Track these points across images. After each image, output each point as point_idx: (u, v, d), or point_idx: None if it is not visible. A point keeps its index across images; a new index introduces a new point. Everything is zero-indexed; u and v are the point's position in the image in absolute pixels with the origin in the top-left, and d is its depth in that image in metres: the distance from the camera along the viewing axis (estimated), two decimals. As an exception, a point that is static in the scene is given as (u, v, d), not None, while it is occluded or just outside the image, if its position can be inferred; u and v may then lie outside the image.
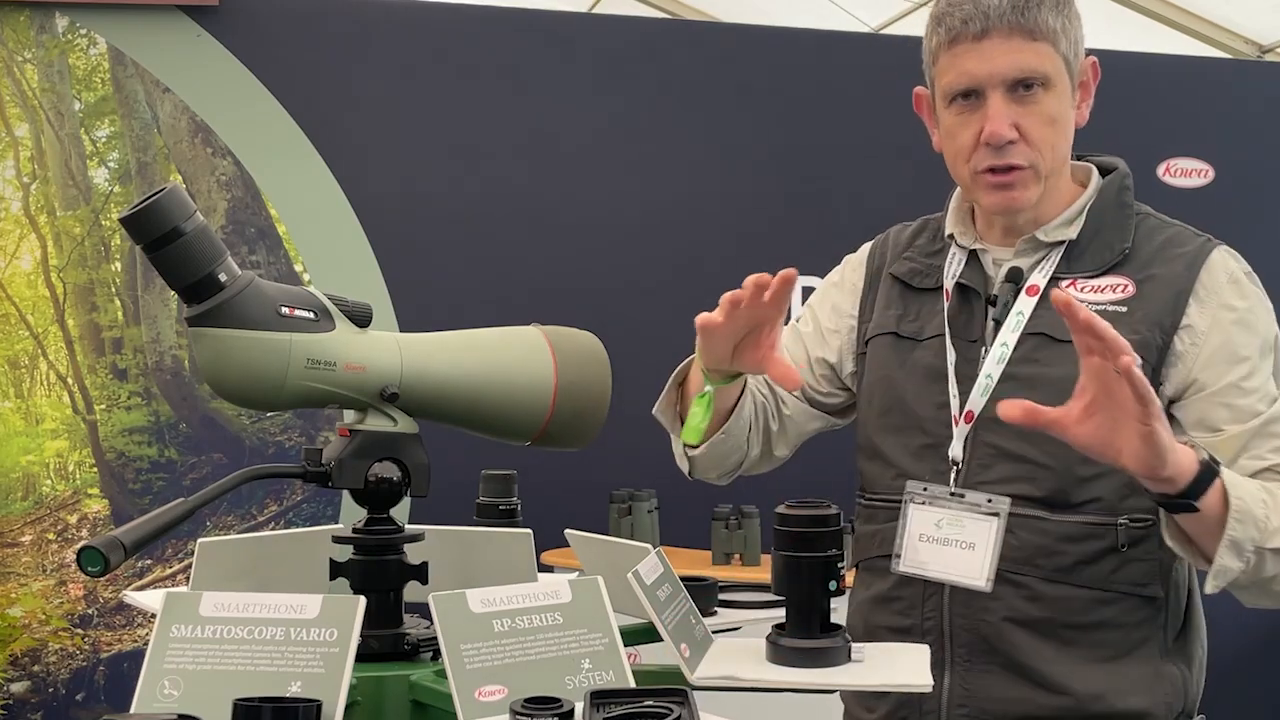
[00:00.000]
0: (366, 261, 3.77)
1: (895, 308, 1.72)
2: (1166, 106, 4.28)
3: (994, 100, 1.56)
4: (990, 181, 1.59)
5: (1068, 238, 1.63)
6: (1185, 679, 1.62)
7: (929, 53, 1.64)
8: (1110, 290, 1.59)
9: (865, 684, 1.29)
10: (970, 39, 1.56)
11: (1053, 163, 1.60)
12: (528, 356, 1.39)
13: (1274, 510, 1.44)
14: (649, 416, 1.76)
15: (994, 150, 1.57)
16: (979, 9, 1.55)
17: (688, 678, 1.22)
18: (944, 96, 1.61)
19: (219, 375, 1.24)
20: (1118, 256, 1.62)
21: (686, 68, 4.00)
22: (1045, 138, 1.57)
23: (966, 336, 1.63)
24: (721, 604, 1.54)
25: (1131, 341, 1.40)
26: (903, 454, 1.65)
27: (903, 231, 1.80)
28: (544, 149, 3.92)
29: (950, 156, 1.65)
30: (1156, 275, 1.59)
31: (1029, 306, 1.59)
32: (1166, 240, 1.64)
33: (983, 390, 1.58)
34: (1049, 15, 1.55)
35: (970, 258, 1.67)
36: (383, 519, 1.32)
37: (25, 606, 3.62)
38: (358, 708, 1.16)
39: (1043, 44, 1.55)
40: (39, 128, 3.69)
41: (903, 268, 1.74)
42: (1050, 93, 1.57)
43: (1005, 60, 1.55)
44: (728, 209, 3.98)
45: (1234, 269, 1.61)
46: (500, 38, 3.94)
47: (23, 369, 3.68)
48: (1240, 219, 4.31)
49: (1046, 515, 1.55)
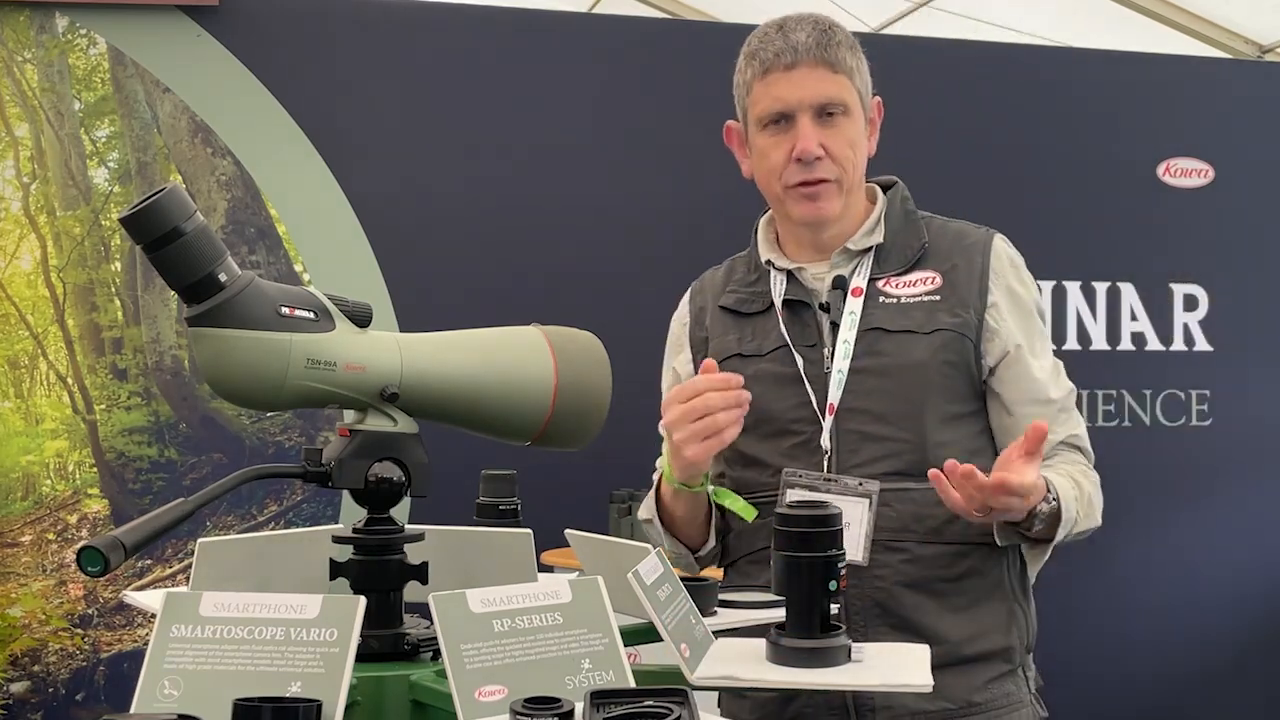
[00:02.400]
0: (366, 261, 3.76)
1: (732, 332, 1.91)
2: (1166, 106, 4.28)
3: (803, 122, 1.79)
4: (801, 193, 1.82)
5: (875, 243, 1.86)
6: (1027, 616, 1.86)
7: (743, 85, 1.87)
8: (921, 284, 1.84)
9: (865, 684, 1.29)
10: (782, 69, 1.80)
11: (853, 178, 1.84)
12: (528, 356, 1.39)
13: (1080, 505, 1.74)
14: (649, 416, 1.79)
15: (804, 166, 1.80)
16: (789, 44, 1.79)
17: (688, 678, 1.22)
18: (757, 122, 1.84)
19: (219, 375, 1.24)
20: (919, 253, 1.86)
21: (686, 68, 4.00)
22: (847, 156, 1.82)
23: (805, 343, 1.84)
24: (721, 604, 1.54)
25: (954, 322, 1.80)
26: (777, 455, 1.82)
27: (715, 274, 2.02)
28: (544, 149, 3.92)
29: (763, 176, 1.87)
30: (958, 265, 1.84)
31: (858, 306, 1.82)
32: (956, 234, 1.89)
33: (838, 384, 1.80)
34: (846, 54, 1.82)
35: (789, 277, 1.88)
36: (383, 519, 1.32)
37: (25, 606, 3.62)
38: (358, 708, 1.16)
39: (842, 77, 1.81)
40: (39, 128, 3.69)
41: (729, 299, 1.94)
42: (849, 119, 1.82)
43: (813, 88, 1.79)
44: (728, 209, 3.97)
45: (1010, 253, 1.88)
46: (500, 38, 3.94)
47: (23, 369, 3.68)
48: (1240, 219, 4.32)
49: (913, 485, 1.75)
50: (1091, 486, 1.81)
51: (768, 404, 1.82)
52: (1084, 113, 4.23)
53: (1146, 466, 4.04)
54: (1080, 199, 4.18)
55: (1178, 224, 4.28)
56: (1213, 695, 4.23)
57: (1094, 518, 1.80)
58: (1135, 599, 4.14)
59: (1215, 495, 4.25)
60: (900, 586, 1.76)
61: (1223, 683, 4.25)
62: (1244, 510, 4.29)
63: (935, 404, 1.79)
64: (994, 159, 4.17)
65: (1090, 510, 1.78)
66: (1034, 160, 4.17)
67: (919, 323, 1.80)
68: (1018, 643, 1.83)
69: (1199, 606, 4.22)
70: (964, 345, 1.80)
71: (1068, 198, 4.18)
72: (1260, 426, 4.30)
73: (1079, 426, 1.88)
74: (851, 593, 1.75)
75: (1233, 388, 4.27)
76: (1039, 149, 4.19)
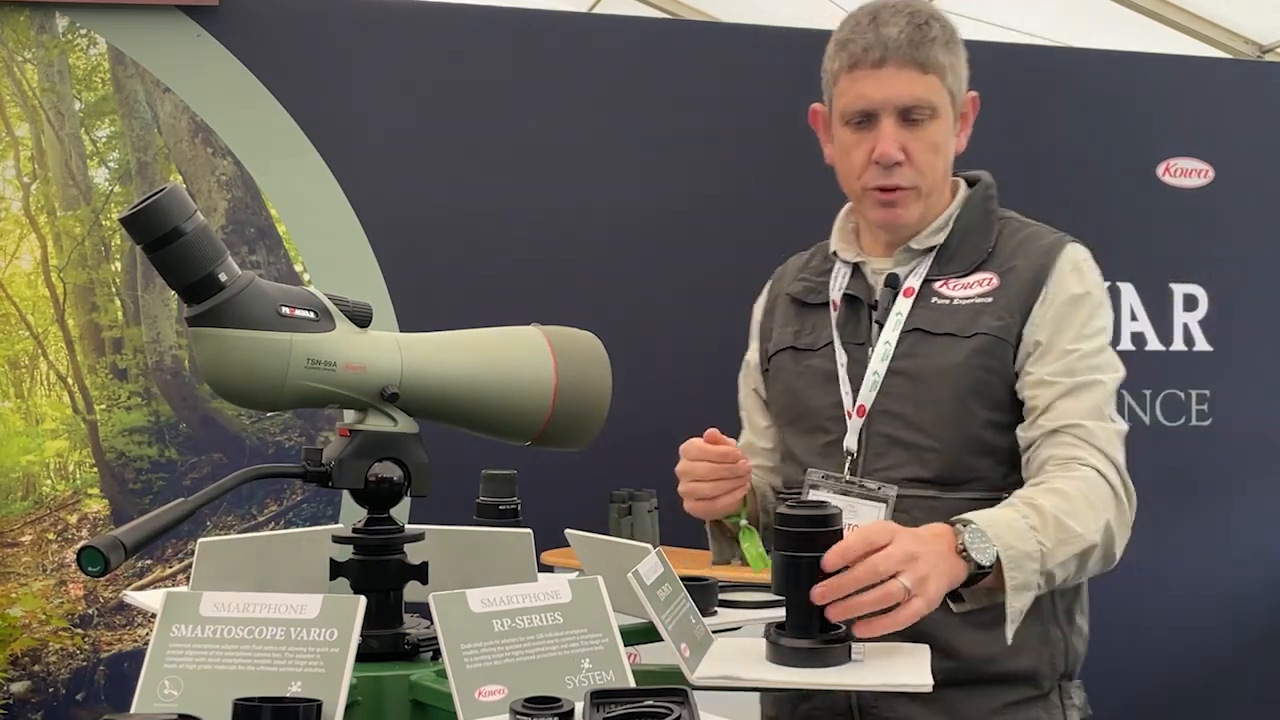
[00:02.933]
0: (366, 261, 3.76)
1: (792, 325, 1.90)
2: (1166, 106, 4.28)
3: (886, 124, 1.74)
4: (878, 198, 1.78)
5: (937, 242, 1.81)
6: (1068, 642, 1.76)
7: (830, 74, 1.81)
8: (977, 285, 1.77)
9: (865, 684, 1.29)
10: (869, 66, 1.73)
11: (933, 184, 1.79)
12: (528, 356, 1.39)
13: (1045, 531, 1.52)
14: (649, 416, 1.79)
15: (883, 170, 1.75)
16: (879, 39, 1.72)
17: (688, 678, 1.23)
18: (841, 116, 1.79)
19: (219, 375, 1.24)
20: (982, 256, 1.79)
21: (686, 68, 4.00)
22: (929, 162, 1.76)
23: (854, 340, 1.80)
24: (721, 604, 1.55)
25: (996, 326, 1.72)
26: (809, 453, 1.82)
27: (798, 259, 1.99)
28: (544, 149, 3.92)
29: (843, 171, 1.82)
30: (1017, 266, 1.77)
31: (906, 307, 1.77)
32: (1026, 237, 1.81)
33: (871, 386, 1.75)
34: (939, 52, 1.74)
35: (854, 271, 1.85)
36: (383, 519, 1.32)
37: (25, 606, 3.62)
38: (358, 708, 1.16)
39: (932, 77, 1.74)
40: (39, 128, 3.69)
41: (796, 287, 1.92)
42: (936, 122, 1.76)
43: (899, 89, 1.73)
44: (727, 209, 3.98)
45: (1080, 259, 1.79)
46: (500, 38, 3.94)
47: (23, 369, 3.67)
48: (1240, 219, 4.32)
49: (938, 494, 1.70)
50: (1081, 496, 1.58)
51: (809, 400, 1.81)
52: (1084, 113, 4.23)
53: (1146, 467, 4.03)
54: (1080, 199, 4.18)
55: (1178, 224, 4.27)
56: (1212, 695, 4.23)
57: (1087, 536, 1.57)
58: (1134, 598, 4.14)
59: (1215, 495, 4.24)
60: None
61: (1221, 683, 4.25)
62: (1244, 510, 4.28)
63: (971, 411, 1.71)
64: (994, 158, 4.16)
65: (1070, 531, 1.54)
66: (1033, 160, 4.16)
67: (961, 325, 1.74)
68: (1050, 668, 1.73)
69: (1198, 607, 4.22)
70: (1004, 350, 1.72)
71: (1067, 197, 4.18)
72: (1260, 426, 4.29)
73: (1094, 417, 1.67)
74: None
75: (1233, 388, 4.27)
76: (1039, 149, 4.18)
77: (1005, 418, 1.73)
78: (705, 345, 3.96)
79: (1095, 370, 1.72)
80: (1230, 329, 4.28)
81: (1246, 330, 4.31)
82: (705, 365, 3.98)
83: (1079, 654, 1.78)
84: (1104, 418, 1.70)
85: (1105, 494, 1.62)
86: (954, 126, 1.80)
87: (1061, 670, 1.75)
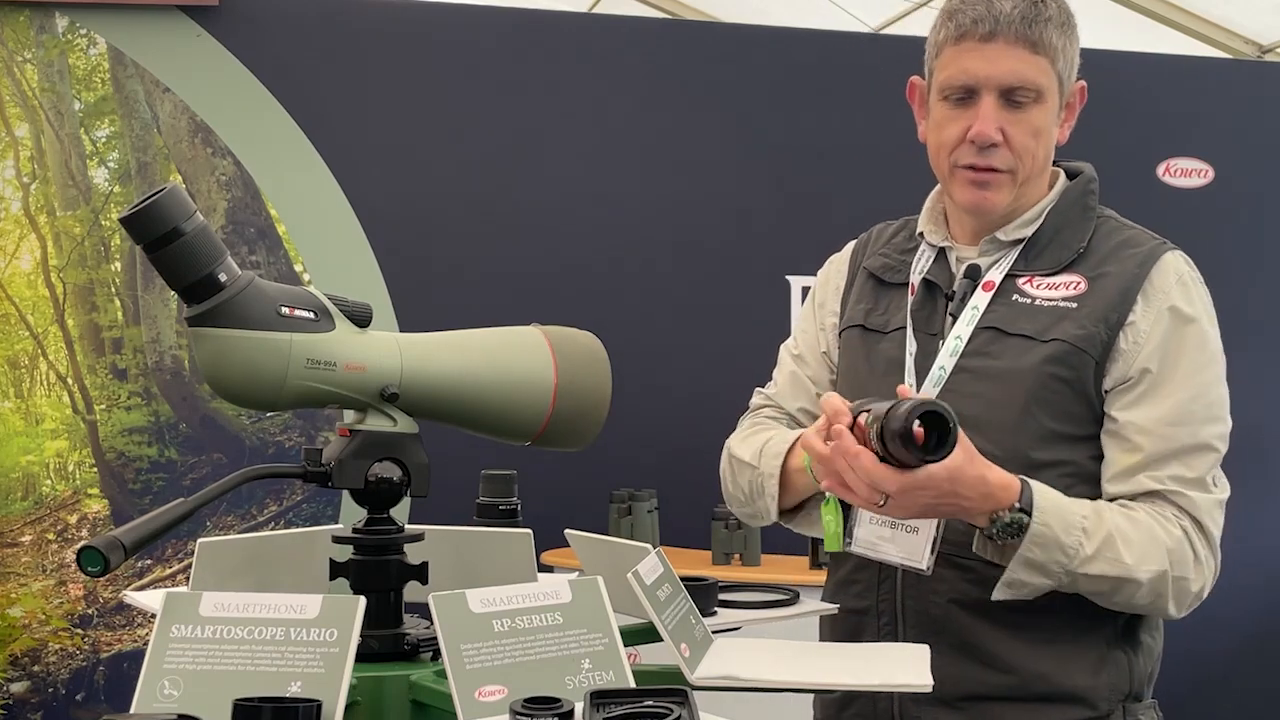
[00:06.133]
0: (366, 261, 3.76)
1: (866, 302, 1.78)
2: (1166, 106, 4.28)
3: (987, 102, 1.62)
4: (969, 178, 1.65)
5: (1024, 236, 1.69)
6: (1132, 663, 1.65)
7: (934, 45, 1.69)
8: (1064, 287, 1.65)
9: (865, 684, 1.29)
10: (977, 39, 1.61)
11: (1029, 171, 1.67)
12: (527, 356, 1.39)
13: (1092, 538, 1.51)
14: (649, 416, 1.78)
15: (978, 149, 1.63)
16: (990, 12, 1.60)
17: (688, 678, 1.22)
18: (940, 90, 1.67)
19: (219, 375, 1.24)
20: (1073, 255, 1.67)
21: (686, 68, 4.00)
22: (1028, 147, 1.64)
23: (928, 330, 1.69)
24: (721, 604, 1.54)
25: (1077, 335, 1.60)
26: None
27: (886, 229, 1.85)
28: (544, 149, 3.92)
29: (934, 147, 1.70)
30: (1109, 272, 1.65)
31: (984, 301, 1.66)
32: (1122, 241, 1.70)
33: (935, 381, 1.64)
34: (1053, 33, 1.62)
35: (939, 255, 1.73)
36: (383, 519, 1.32)
37: (25, 606, 3.62)
38: (358, 708, 1.16)
39: (1042, 59, 1.62)
40: (39, 128, 3.69)
41: (876, 262, 1.79)
42: (1040, 106, 1.64)
43: (1006, 67, 1.61)
44: (727, 209, 3.98)
45: (1184, 271, 1.67)
46: (500, 38, 3.94)
47: (23, 369, 3.67)
48: (1240, 219, 4.32)
49: None
50: (1150, 537, 1.54)
51: (869, 386, 1.67)
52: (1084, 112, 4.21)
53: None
54: (1080, 199, 4.17)
55: (1178, 224, 4.26)
56: (1211, 695, 4.23)
57: (1133, 569, 1.53)
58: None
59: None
60: (956, 606, 1.61)
61: (1220, 683, 4.25)
62: (1243, 510, 4.27)
63: (1036, 419, 1.60)
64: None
65: (1116, 553, 1.52)
66: (1034, 160, 4.16)
67: (1040, 329, 1.62)
68: (1108, 689, 1.62)
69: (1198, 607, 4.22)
70: (1082, 361, 1.60)
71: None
72: (1260, 426, 4.29)
73: (1200, 489, 1.59)
74: (909, 605, 1.64)
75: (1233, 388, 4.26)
76: (1039, 149, 4.18)
77: (1078, 430, 1.63)
78: (705, 345, 3.97)
79: (1211, 422, 1.64)
80: (1230, 329, 4.27)
81: (1246, 330, 4.31)
82: (705, 366, 4.00)
83: (1146, 674, 1.68)
84: (1208, 488, 1.62)
85: (1184, 554, 1.57)
86: (1058, 114, 1.68)
87: (1126, 692, 1.64)
